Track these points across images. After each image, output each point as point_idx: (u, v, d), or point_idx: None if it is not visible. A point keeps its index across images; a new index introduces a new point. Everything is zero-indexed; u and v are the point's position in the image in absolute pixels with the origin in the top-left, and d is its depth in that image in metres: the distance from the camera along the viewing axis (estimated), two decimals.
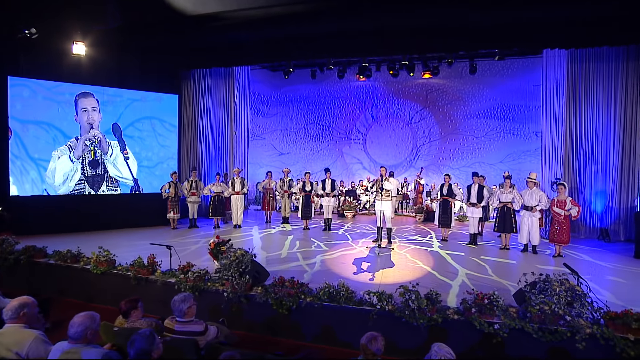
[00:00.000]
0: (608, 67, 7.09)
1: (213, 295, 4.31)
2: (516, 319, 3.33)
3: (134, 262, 4.78)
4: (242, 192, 8.28)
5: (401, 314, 3.51)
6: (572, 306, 3.35)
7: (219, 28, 7.82)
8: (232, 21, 7.56)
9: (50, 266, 5.15)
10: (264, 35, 8.22)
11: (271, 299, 3.95)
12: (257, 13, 7.32)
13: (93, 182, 7.68)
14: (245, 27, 7.84)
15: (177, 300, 2.82)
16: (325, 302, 3.82)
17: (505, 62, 12.64)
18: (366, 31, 7.88)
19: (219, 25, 7.73)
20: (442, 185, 7.12)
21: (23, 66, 7.19)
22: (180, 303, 2.80)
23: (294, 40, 8.36)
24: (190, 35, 8.07)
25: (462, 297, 3.66)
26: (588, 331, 3.13)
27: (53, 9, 6.57)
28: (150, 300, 4.72)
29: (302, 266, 5.30)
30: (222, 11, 7.28)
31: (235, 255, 4.42)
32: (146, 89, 8.34)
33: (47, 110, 7.27)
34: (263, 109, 15.76)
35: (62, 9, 6.46)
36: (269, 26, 7.74)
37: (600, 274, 5.09)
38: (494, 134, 12.91)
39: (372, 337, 2.28)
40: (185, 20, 7.28)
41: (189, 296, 2.87)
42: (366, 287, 4.13)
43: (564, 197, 5.77)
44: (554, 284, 3.46)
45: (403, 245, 6.77)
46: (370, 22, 7.49)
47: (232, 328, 4.21)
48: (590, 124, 7.31)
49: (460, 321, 3.43)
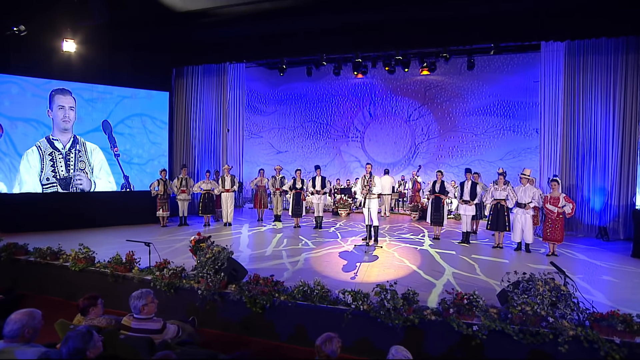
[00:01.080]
0: (607, 59, 6.84)
1: (188, 293, 4.20)
2: (496, 320, 3.16)
3: (111, 259, 4.69)
4: (232, 189, 8.18)
5: (376, 314, 3.37)
6: (557, 307, 3.18)
7: (208, 24, 7.74)
8: (222, 17, 7.48)
9: (31, 263, 5.09)
10: (254, 31, 8.13)
11: (245, 297, 3.83)
12: (247, 9, 7.22)
13: (66, 184, 7.62)
14: (234, 23, 7.76)
15: (134, 296, 2.72)
16: (299, 301, 3.69)
17: (505, 58, 12.39)
18: (358, 25, 7.74)
19: (208, 22, 7.65)
20: (434, 182, 6.94)
21: (12, 63, 7.18)
22: (137, 300, 2.70)
23: (284, 35, 8.25)
24: (180, 31, 8.01)
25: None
26: (571, 333, 2.95)
27: (41, 5, 6.54)
28: (124, 298, 4.64)
29: (285, 264, 5.17)
30: (212, 7, 7.21)
31: (211, 252, 4.31)
32: (137, 86, 8.29)
33: (36, 107, 7.23)
34: (260, 107, 15.68)
35: (50, 6, 6.42)
36: (259, 22, 7.64)
37: (594, 273, 4.88)
38: (494, 131, 12.65)
39: (327, 339, 2.14)
40: (175, 16, 7.22)
41: (146, 293, 2.76)
42: (347, 285, 3.97)
43: (558, 193, 5.56)
44: (537, 284, 3.28)
45: (393, 243, 6.61)
46: (360, 16, 7.36)
47: (207, 327, 4.13)
48: (588, 119, 7.07)
49: (438, 322, 3.27)
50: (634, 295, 4.09)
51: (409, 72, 13.88)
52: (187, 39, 8.26)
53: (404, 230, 8.09)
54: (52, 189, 7.43)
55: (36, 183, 7.29)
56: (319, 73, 14.18)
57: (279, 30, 8.02)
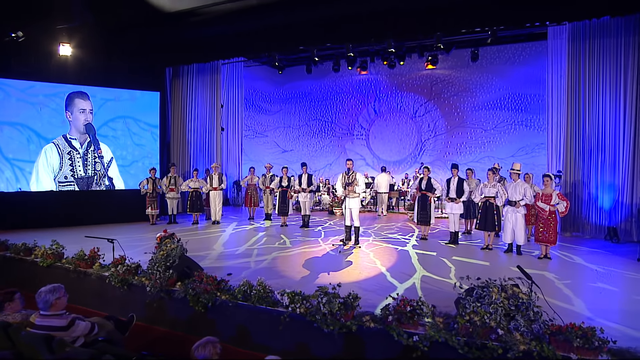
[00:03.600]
0: (616, 42, 6.13)
1: (141, 290, 4.13)
2: (441, 330, 2.82)
3: (75, 255, 4.72)
4: (219, 187, 8.13)
5: (312, 318, 3.11)
6: (514, 318, 2.79)
7: (196, 23, 7.74)
8: (209, 16, 7.45)
9: (6, 258, 5.24)
10: (241, 27, 8.02)
11: (189, 296, 3.69)
12: (233, 6, 7.16)
13: (85, 183, 7.89)
14: (221, 21, 7.71)
15: (44, 291, 2.61)
16: (240, 302, 3.50)
17: (516, 48, 11.60)
18: (345, 16, 7.45)
19: (196, 21, 7.65)
20: (420, 179, 6.53)
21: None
22: (47, 294, 2.59)
23: (272, 30, 8.10)
24: (170, 32, 8.06)
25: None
26: (522, 348, 2.56)
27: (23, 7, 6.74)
28: (87, 294, 4.67)
29: (249, 263, 5.00)
30: (199, 6, 7.19)
31: (164, 249, 4.23)
32: (127, 87, 8.40)
33: (20, 111, 7.33)
34: (265, 107, 15.66)
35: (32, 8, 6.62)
36: (246, 18, 7.56)
37: (586, 279, 4.34)
38: (505, 126, 11.87)
39: (203, 343, 1.94)
40: (164, 17, 7.27)
41: (58, 287, 2.66)
42: (305, 287, 3.71)
43: (550, 190, 5.01)
44: (492, 291, 2.90)
45: (375, 243, 6.27)
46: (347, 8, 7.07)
47: (156, 324, 4.04)
48: (596, 108, 6.38)
49: (378, 330, 2.97)
50: (625, 306, 3.56)
51: (414, 67, 13.38)
52: (177, 39, 8.30)
53: (393, 230, 7.70)
54: (69, 187, 7.73)
55: (48, 181, 7.57)
56: (323, 70, 13.98)
57: (266, 25, 7.88)
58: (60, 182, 7.65)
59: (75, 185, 7.75)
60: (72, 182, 7.71)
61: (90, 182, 7.92)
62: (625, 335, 2.89)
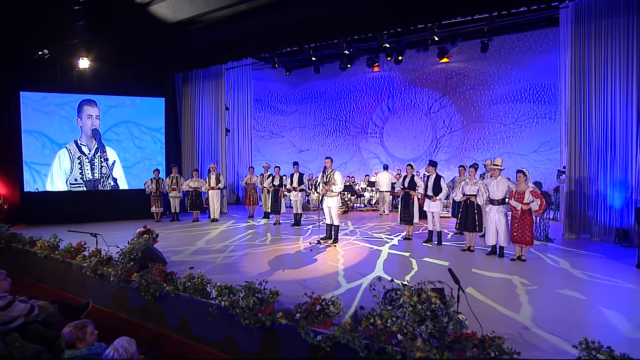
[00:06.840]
0: (627, 22, 5.42)
1: (109, 279, 4.49)
2: (347, 332, 2.75)
3: (64, 247, 5.24)
4: (217, 187, 8.49)
5: (234, 311, 3.19)
6: (424, 323, 2.64)
7: (196, 30, 8.18)
8: (207, 22, 7.85)
9: (18, 250, 5.96)
10: (236, 32, 8.32)
11: (141, 285, 3.96)
12: (228, 12, 7.49)
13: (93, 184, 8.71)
14: (219, 26, 8.06)
15: None
16: (181, 293, 3.69)
17: (538, 35, 10.66)
18: (341, 12, 7.40)
19: (196, 28, 8.10)
20: (404, 177, 6.31)
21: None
22: None
23: (268, 32, 8.29)
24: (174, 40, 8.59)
25: None
26: (418, 355, 2.42)
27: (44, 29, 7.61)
28: (72, 283, 5.16)
29: (217, 258, 5.19)
30: (197, 15, 7.61)
31: (132, 244, 4.56)
32: (133, 94, 9.04)
33: (35, 120, 8.20)
34: (282, 108, 15.97)
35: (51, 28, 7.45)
36: (241, 22, 7.83)
37: (556, 285, 3.91)
38: (526, 119, 10.96)
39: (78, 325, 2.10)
40: (168, 27, 7.80)
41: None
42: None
43: (524, 187, 4.57)
44: (404, 294, 2.77)
45: (355, 242, 6.17)
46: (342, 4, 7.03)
47: (120, 312, 4.36)
48: (603, 97, 5.69)
49: (289, 327, 2.97)
50: (578, 316, 3.17)
51: (428, 62, 12.84)
52: (180, 46, 8.83)
53: (384, 229, 7.49)
54: (79, 188, 8.58)
55: (61, 182, 8.47)
56: (335, 70, 13.91)
57: (257, 28, 8.10)
58: (72, 184, 8.49)
59: (84, 186, 8.55)
60: (81, 183, 8.53)
61: (96, 183, 8.70)
62: (553, 347, 2.60)
